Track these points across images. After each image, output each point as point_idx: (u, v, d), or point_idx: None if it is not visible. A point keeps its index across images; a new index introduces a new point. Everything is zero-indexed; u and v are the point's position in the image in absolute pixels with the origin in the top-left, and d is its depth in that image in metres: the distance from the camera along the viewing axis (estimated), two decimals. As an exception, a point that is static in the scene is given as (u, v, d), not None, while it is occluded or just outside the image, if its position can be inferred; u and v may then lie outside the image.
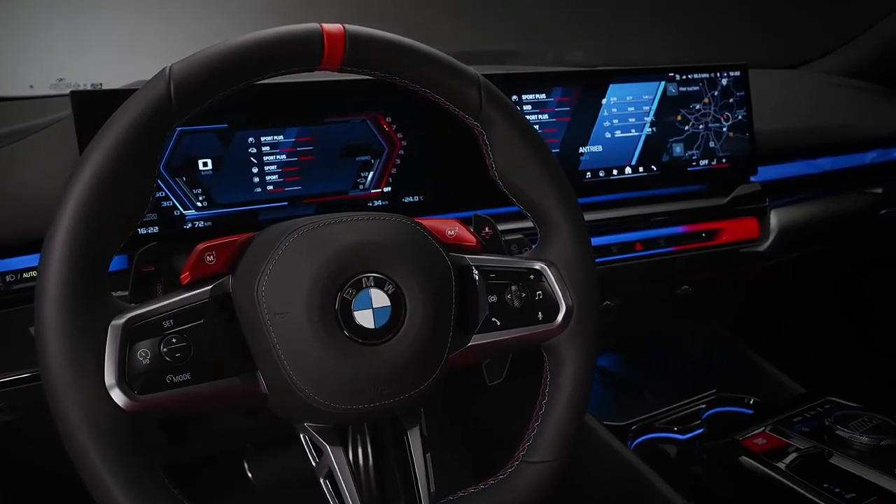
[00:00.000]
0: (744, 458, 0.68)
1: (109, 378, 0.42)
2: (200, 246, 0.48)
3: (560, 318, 0.55)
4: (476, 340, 0.53)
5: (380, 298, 0.47)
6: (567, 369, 0.56)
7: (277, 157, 0.71)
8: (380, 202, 0.75)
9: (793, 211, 0.96)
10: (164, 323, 0.45)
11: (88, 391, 0.41)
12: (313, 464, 0.51)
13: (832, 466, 0.66)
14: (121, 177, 0.43)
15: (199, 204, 0.68)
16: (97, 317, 0.42)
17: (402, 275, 0.48)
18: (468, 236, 0.57)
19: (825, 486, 0.64)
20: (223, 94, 0.47)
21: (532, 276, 0.56)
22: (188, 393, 0.44)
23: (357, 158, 0.74)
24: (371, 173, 0.75)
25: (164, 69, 0.45)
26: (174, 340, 0.44)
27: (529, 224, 0.78)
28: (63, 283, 0.41)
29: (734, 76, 0.92)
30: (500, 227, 0.66)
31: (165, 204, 0.66)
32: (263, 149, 0.70)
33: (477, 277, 0.54)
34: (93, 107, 0.63)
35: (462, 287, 0.53)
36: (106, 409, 0.41)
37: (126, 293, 0.52)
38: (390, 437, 0.56)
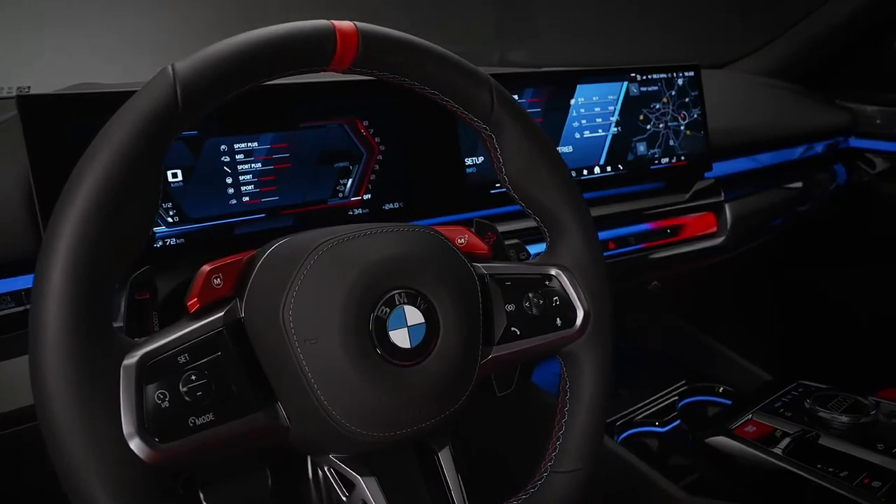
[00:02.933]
0: (741, 446, 0.71)
1: (128, 426, 0.36)
2: (206, 268, 0.43)
3: (578, 323, 0.54)
4: (497, 352, 0.51)
5: (414, 315, 0.44)
6: (587, 374, 0.55)
7: (252, 165, 0.65)
8: (360, 210, 0.72)
9: (743, 204, 1.01)
10: (178, 358, 0.39)
11: (104, 444, 0.35)
12: (343, 498, 0.47)
13: (822, 447, 0.70)
14: (125, 194, 0.37)
15: (169, 220, 0.61)
16: (106, 356, 0.37)
17: (433, 289, 0.45)
18: (479, 244, 0.55)
19: (818, 466, 0.67)
20: (228, 98, 0.42)
21: (548, 282, 0.55)
22: (212, 436, 0.39)
23: (335, 165, 0.70)
24: (350, 180, 0.71)
25: (165, 69, 0.40)
26: (193, 377, 0.39)
27: (516, 227, 0.79)
28: (66, 320, 0.35)
29: (688, 76, 0.95)
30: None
31: (132, 221, 0.59)
32: (237, 157, 0.65)
33: (493, 286, 0.52)
34: (42, 112, 0.56)
35: (482, 297, 0.51)
36: (126, 462, 0.36)
37: (119, 324, 0.46)
38: (415, 459, 0.53)
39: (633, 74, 0.91)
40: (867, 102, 1.29)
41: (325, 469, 0.47)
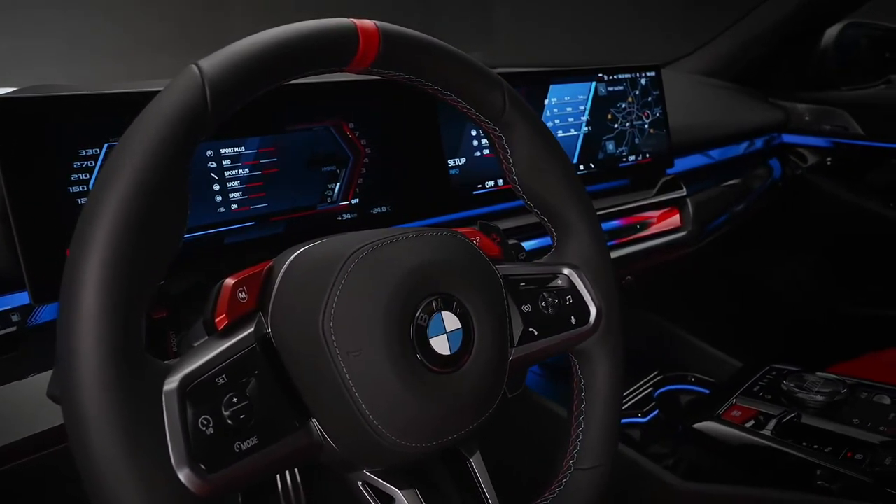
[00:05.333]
0: (732, 430, 0.74)
1: (176, 456, 0.33)
2: (230, 281, 0.41)
3: (592, 320, 0.55)
4: (517, 353, 0.51)
5: (452, 321, 0.43)
6: (602, 370, 0.56)
7: (240, 171, 0.62)
8: (349, 215, 0.70)
9: (699, 199, 1.05)
10: (216, 380, 0.37)
11: (154, 478, 0.32)
12: None
13: (805, 426, 0.74)
14: (157, 204, 0.35)
15: (155, 231, 0.57)
16: (146, 383, 0.34)
17: (466, 293, 0.45)
18: (491, 245, 0.55)
19: (804, 444, 0.71)
20: (252, 99, 0.40)
21: (560, 282, 0.55)
22: (257, 460, 0.37)
23: (323, 169, 0.68)
24: (338, 184, 0.69)
25: (190, 68, 0.37)
26: (235, 400, 0.37)
27: (503, 226, 0.79)
28: (103, 346, 0.32)
29: (650, 76, 0.99)
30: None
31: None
32: (224, 162, 0.61)
33: (509, 288, 0.52)
34: (14, 116, 0.51)
35: None
36: (176, 496, 0.33)
37: None
38: (444, 467, 0.51)
39: (600, 75, 0.93)
40: (797, 101, 1.38)
41: (359, 485, 0.45)
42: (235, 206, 0.62)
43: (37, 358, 0.53)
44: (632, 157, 0.96)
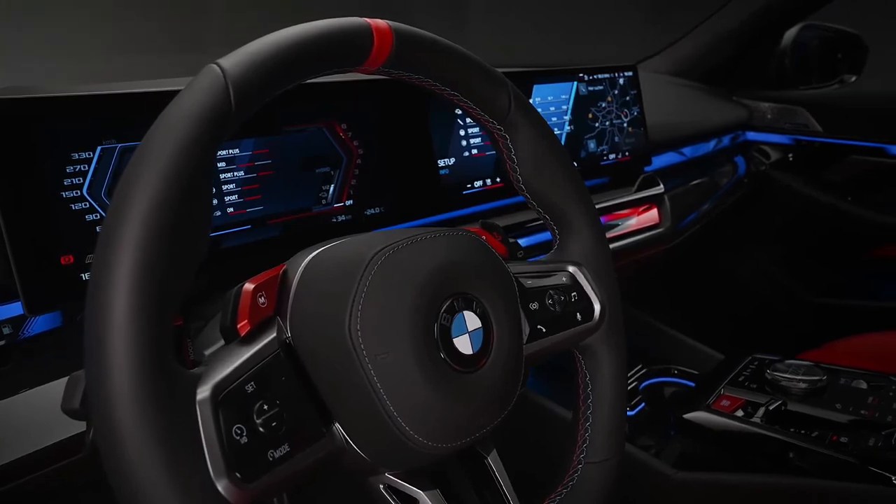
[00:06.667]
0: (723, 419, 0.76)
1: (214, 467, 0.32)
2: (249, 286, 0.40)
3: (596, 316, 0.56)
4: (526, 350, 0.51)
5: (473, 321, 0.44)
6: (607, 365, 0.56)
7: (235, 173, 0.61)
8: (343, 217, 0.69)
9: (675, 196, 1.08)
10: (246, 387, 0.36)
11: (193, 491, 0.31)
12: None
13: (792, 412, 0.76)
14: (185, 209, 0.34)
15: (152, 236, 0.55)
16: (180, 393, 0.33)
17: (484, 292, 0.45)
18: (497, 244, 0.55)
19: (792, 430, 0.73)
20: (270, 98, 0.39)
21: (565, 279, 0.56)
22: (289, 468, 0.37)
23: (317, 170, 0.67)
24: (332, 186, 0.68)
25: (211, 67, 0.36)
26: (266, 407, 0.36)
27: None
28: (138, 358, 0.31)
29: (628, 76, 1.01)
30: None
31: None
32: (219, 165, 0.60)
33: (518, 286, 0.52)
34: (3, 118, 0.48)
35: None
36: None
37: None
38: (460, 467, 0.51)
39: (581, 75, 0.94)
40: (760, 99, 1.43)
41: (380, 488, 0.45)
42: (231, 209, 0.60)
43: (30, 372, 0.50)
44: (612, 156, 0.98)
